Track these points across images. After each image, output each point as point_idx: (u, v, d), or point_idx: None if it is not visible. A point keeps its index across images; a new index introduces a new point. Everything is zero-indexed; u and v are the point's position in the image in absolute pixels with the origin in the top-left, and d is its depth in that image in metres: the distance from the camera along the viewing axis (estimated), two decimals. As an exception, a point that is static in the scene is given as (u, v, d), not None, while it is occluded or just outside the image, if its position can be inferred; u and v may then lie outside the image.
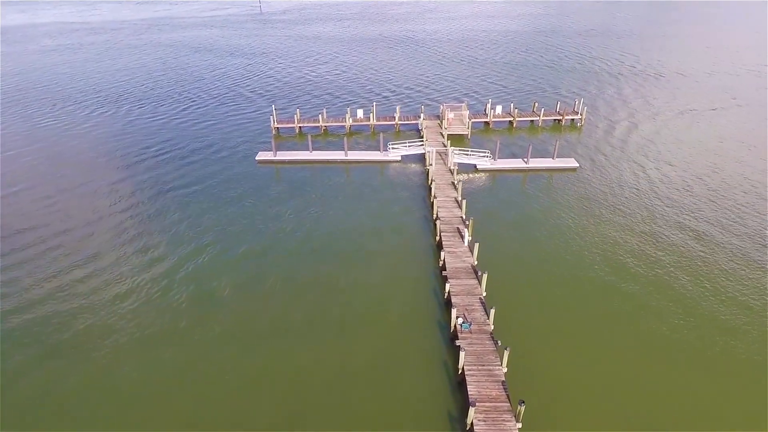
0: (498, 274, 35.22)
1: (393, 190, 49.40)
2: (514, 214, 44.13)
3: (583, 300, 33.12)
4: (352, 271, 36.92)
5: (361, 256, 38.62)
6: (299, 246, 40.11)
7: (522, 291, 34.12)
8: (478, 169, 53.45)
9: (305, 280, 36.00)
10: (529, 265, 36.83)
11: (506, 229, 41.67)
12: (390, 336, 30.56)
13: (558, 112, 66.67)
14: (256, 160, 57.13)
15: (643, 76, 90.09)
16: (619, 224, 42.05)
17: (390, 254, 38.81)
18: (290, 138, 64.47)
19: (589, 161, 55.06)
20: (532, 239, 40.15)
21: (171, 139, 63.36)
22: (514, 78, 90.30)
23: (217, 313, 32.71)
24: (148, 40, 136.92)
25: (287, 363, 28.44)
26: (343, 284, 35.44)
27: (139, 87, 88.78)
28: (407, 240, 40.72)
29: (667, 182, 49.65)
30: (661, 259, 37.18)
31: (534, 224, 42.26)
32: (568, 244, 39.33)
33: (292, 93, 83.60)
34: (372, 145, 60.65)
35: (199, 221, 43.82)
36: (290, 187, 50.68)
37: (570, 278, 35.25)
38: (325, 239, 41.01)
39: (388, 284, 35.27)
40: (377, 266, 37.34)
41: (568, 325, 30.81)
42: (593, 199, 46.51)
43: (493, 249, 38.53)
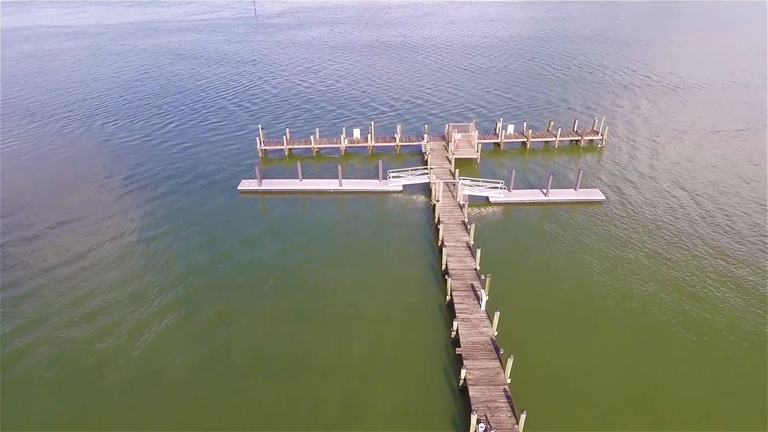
0: (524, 350, 28.63)
1: (393, 230, 42.71)
2: (534, 262, 37.46)
3: (626, 386, 26.55)
4: (337, 343, 30.17)
5: (351, 323, 31.84)
6: (276, 307, 33.31)
7: (555, 376, 27.46)
8: (491, 202, 46.92)
9: (277, 356, 29.29)
10: (558, 340, 30.16)
11: (527, 284, 35.02)
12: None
13: (576, 132, 60.19)
14: (238, 190, 50.37)
15: (659, 88, 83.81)
16: (659, 277, 35.47)
17: (387, 321, 32.03)
18: (279, 161, 57.71)
19: (615, 192, 48.55)
20: (558, 297, 33.54)
21: (143, 164, 56.34)
22: (522, 89, 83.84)
23: (164, 403, 26.03)
24: (131, 46, 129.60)
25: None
26: (324, 362, 28.71)
27: (115, 100, 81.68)
28: (410, 300, 33.96)
29: (711, 221, 43.15)
30: (712, 320, 30.67)
31: (559, 278, 35.56)
32: (602, 303, 32.72)
33: (281, 107, 76.80)
34: (370, 171, 53.96)
35: (163, 276, 36.87)
36: (274, 225, 43.89)
37: (609, 356, 28.65)
38: (309, 298, 34.23)
39: (384, 367, 28.52)
40: (370, 339, 30.59)
41: (616, 417, 24.30)
42: (625, 241, 39.92)
43: (514, 314, 31.89)
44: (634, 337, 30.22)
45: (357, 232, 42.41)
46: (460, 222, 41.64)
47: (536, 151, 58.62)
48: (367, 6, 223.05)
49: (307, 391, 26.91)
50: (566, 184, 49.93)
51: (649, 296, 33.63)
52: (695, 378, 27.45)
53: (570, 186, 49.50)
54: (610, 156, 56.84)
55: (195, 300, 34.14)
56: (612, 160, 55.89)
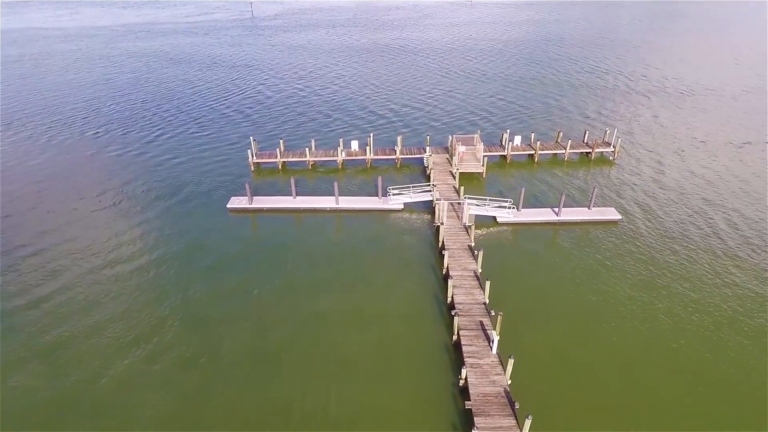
0: (541, 404, 25.32)
1: (393, 254, 39.40)
2: (548, 294, 34.10)
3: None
4: (324, 396, 26.75)
5: (339, 371, 28.42)
6: (256, 349, 29.96)
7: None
8: (499, 222, 43.64)
9: (254, 408, 25.94)
10: (577, 388, 26.85)
11: (541, 321, 31.67)
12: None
13: (586, 143, 56.91)
14: (227, 208, 47.04)
15: (670, 94, 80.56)
16: (695, 318, 32.19)
17: (384, 366, 28.69)
18: (272, 174, 54.40)
19: (632, 210, 45.27)
20: (578, 337, 30.22)
21: (129, 182, 52.81)
22: (526, 95, 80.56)
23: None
24: (123, 50, 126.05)
25: None
26: (308, 419, 25.28)
27: (103, 108, 78.22)
28: (411, 339, 30.62)
29: (740, 240, 39.90)
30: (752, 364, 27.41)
31: (578, 314, 32.21)
32: (622, 346, 29.41)
33: (276, 114, 73.41)
34: (368, 186, 50.64)
35: (136, 311, 33.41)
36: (263, 248, 40.56)
37: (650, 414, 25.35)
38: (294, 337, 30.90)
39: (380, 426, 25.19)
40: (364, 387, 27.25)
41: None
42: (650, 267, 36.60)
43: (529, 357, 28.56)
44: (683, 398, 26.94)
45: (353, 257, 39.09)
46: (467, 247, 38.33)
47: (544, 164, 55.34)
48: (365, 7, 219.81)
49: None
50: (579, 201, 46.68)
51: (689, 345, 30.37)
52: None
53: (583, 204, 46.24)
54: (624, 169, 53.55)
55: (170, 340, 30.78)
56: (626, 173, 52.60)
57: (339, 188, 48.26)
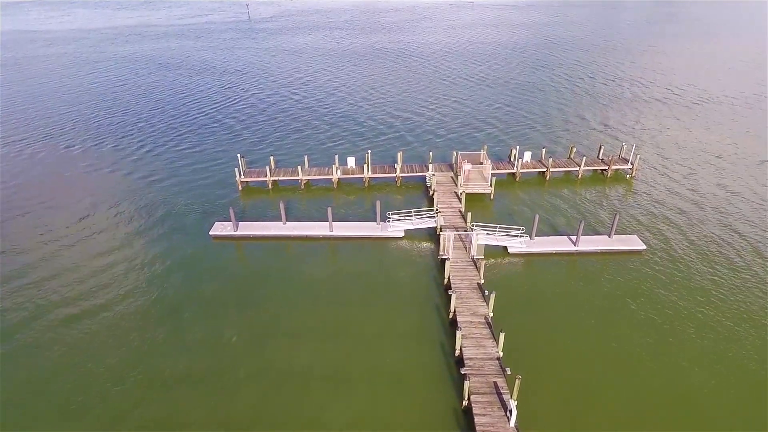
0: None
1: (390, 291, 35.08)
2: (569, 343, 29.76)
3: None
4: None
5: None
6: (214, 419, 25.53)
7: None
8: (510, 252, 39.35)
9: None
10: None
11: (564, 379, 27.27)
12: None
13: (602, 160, 52.66)
14: (210, 236, 42.68)
15: (683, 103, 76.28)
16: (732, 365, 27.91)
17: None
18: (261, 194, 50.08)
19: (656, 238, 40.98)
20: (607, 399, 25.92)
21: (103, 207, 48.19)
22: (533, 104, 76.30)
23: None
24: (111, 54, 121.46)
25: None
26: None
27: (84, 118, 73.74)
28: (412, 405, 26.16)
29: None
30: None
31: (606, 370, 27.89)
32: (666, 410, 25.15)
33: (268, 126, 68.95)
34: (366, 209, 46.29)
35: (93, 364, 29.00)
36: (244, 283, 36.20)
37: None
38: (261, 402, 26.51)
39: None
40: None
41: None
42: (679, 305, 32.34)
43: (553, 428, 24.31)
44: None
45: (345, 296, 34.75)
46: (476, 286, 34.02)
47: (557, 183, 51.07)
48: (363, 9, 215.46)
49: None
50: (597, 226, 42.41)
51: (728, 406, 26.07)
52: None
53: (601, 230, 41.99)
54: (644, 189, 49.29)
55: (120, 404, 26.38)
56: (646, 193, 48.34)
57: (334, 211, 44.04)
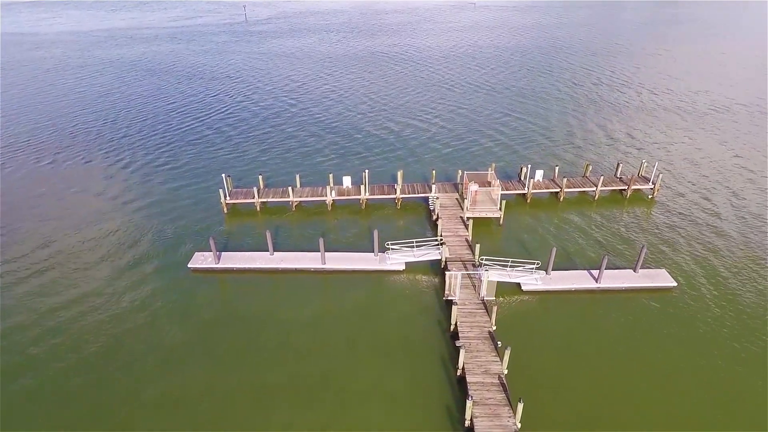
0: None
1: (388, 340, 30.73)
2: (598, 410, 25.42)
3: None
4: None
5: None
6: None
7: None
8: (524, 290, 35.00)
9: None
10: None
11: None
12: None
13: (620, 179, 48.30)
14: (189, 268, 38.29)
15: (702, 112, 71.92)
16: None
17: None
18: (249, 217, 45.73)
19: (687, 272, 36.59)
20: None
21: (71, 234, 43.94)
22: (543, 113, 71.90)
23: None
24: (98, 58, 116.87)
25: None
26: None
27: (65, 130, 69.10)
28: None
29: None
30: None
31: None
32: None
33: (258, 138, 64.41)
34: (363, 235, 41.88)
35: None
36: (219, 328, 31.94)
37: None
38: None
39: None
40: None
41: None
42: (718, 365, 27.95)
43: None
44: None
45: (335, 343, 30.41)
46: (487, 335, 29.63)
47: (571, 204, 46.71)
48: (362, 11, 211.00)
49: None
50: (619, 255, 38.07)
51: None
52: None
53: (624, 260, 37.66)
54: (667, 212, 44.93)
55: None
56: (671, 217, 43.96)
57: (327, 237, 39.82)
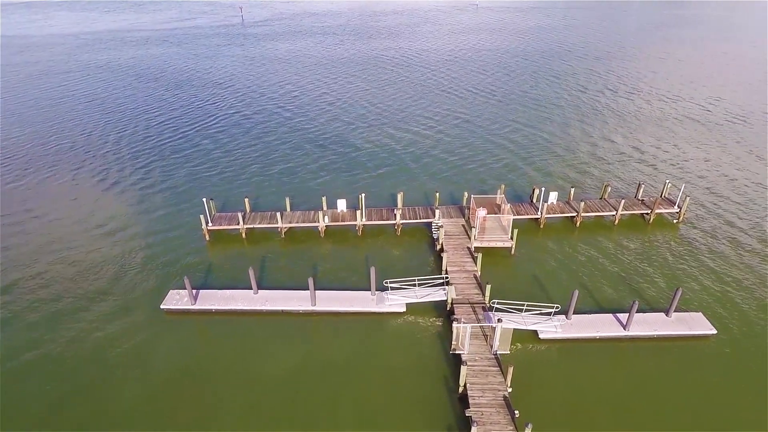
0: None
1: (383, 404, 26.28)
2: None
3: None
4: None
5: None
6: None
7: None
8: (541, 338, 30.66)
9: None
10: None
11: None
12: None
13: (641, 201, 43.95)
14: (162, 309, 33.89)
15: (724, 124, 67.44)
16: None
17: None
18: (233, 244, 41.42)
19: (727, 316, 32.24)
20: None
21: (24, 257, 39.71)
22: (551, 123, 67.48)
23: None
24: (85, 63, 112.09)
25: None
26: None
27: (39, 143, 64.32)
28: None
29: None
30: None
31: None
32: None
33: (246, 153, 59.72)
34: (358, 269, 37.48)
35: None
36: (185, 389, 27.38)
37: None
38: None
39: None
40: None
41: None
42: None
43: None
44: None
45: (320, 407, 26.00)
46: (502, 401, 25.26)
47: (589, 229, 42.36)
48: (360, 12, 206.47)
49: None
50: (646, 292, 33.77)
51: None
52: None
53: (652, 297, 33.35)
54: (697, 240, 40.52)
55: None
56: (701, 247, 39.54)
57: (319, 269, 35.83)
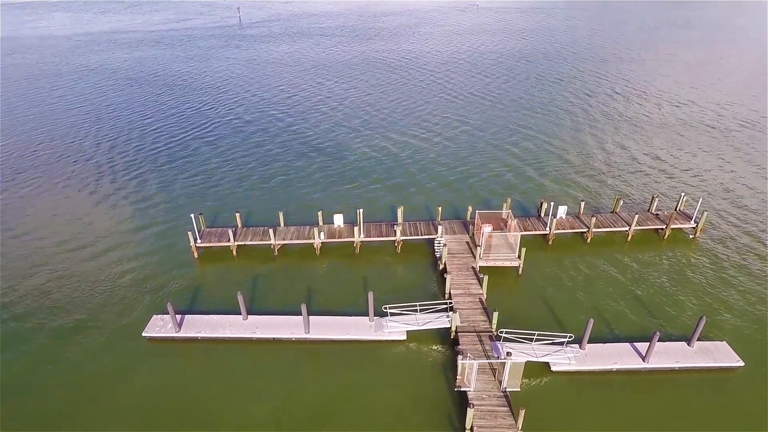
0: None
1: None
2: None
3: None
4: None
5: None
6: None
7: None
8: (553, 370, 28.24)
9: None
10: None
11: None
12: None
13: (655, 215, 41.53)
14: (143, 337, 31.41)
15: (739, 130, 64.90)
16: None
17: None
18: (223, 261, 39.02)
19: (755, 345, 29.89)
20: None
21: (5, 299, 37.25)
22: (557, 130, 65.01)
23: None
24: (75, 66, 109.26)
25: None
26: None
27: (22, 152, 61.63)
28: None
29: None
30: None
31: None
32: None
33: (239, 163, 57.10)
34: (355, 290, 35.05)
35: None
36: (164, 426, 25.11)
37: None
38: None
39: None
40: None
41: None
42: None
43: None
44: None
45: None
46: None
47: (600, 245, 39.91)
48: (359, 13, 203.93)
49: None
50: (662, 316, 31.37)
51: None
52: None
53: (671, 326, 30.95)
54: (716, 256, 38.07)
55: None
56: (721, 264, 37.10)
57: (314, 290, 33.41)
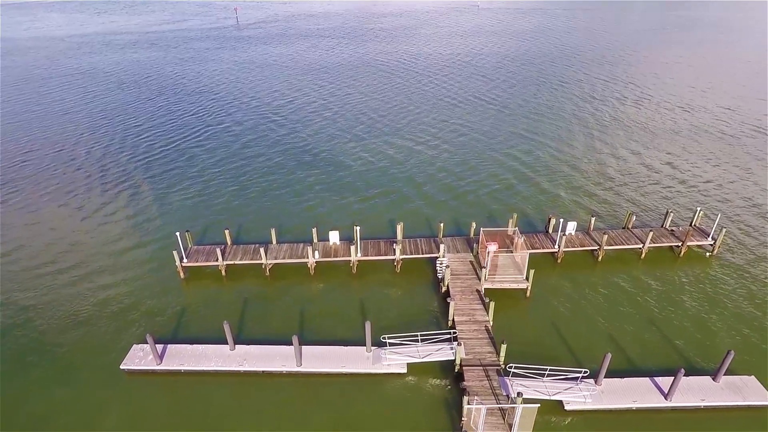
0: None
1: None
2: None
3: None
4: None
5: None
6: None
7: None
8: (567, 409, 25.87)
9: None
10: None
11: None
12: None
13: (672, 232, 39.13)
14: (122, 370, 29.02)
15: (755, 137, 62.78)
16: None
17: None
18: (212, 282, 36.65)
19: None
20: None
21: None
22: (565, 136, 62.54)
23: None
24: (66, 69, 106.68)
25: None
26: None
27: (5, 160, 59.76)
28: None
29: None
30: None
31: None
32: None
33: (228, 174, 54.36)
34: (351, 312, 32.69)
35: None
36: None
37: None
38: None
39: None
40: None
41: None
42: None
43: None
44: None
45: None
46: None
47: (612, 264, 37.54)
48: (357, 14, 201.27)
49: None
50: (684, 346, 29.03)
51: None
52: None
53: (693, 356, 28.60)
54: (737, 276, 35.64)
55: None
56: (743, 284, 34.70)
57: (306, 313, 31.13)
